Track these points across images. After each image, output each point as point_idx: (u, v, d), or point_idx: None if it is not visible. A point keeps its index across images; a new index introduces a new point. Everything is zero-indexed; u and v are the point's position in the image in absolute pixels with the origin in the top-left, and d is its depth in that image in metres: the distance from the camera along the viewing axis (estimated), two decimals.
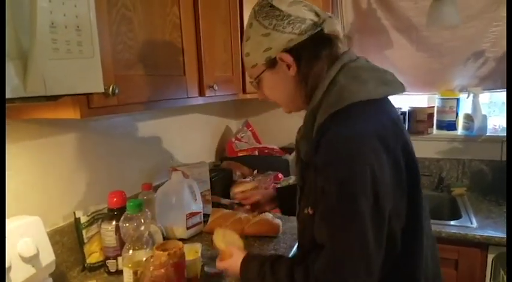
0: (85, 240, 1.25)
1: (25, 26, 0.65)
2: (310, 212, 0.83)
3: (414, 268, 0.87)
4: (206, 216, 1.60)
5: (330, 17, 0.88)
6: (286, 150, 2.27)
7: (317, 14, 0.87)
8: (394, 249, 0.81)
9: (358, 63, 0.88)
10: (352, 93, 0.80)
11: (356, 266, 0.75)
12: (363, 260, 0.75)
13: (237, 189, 1.89)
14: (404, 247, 0.83)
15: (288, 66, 0.88)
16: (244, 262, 0.96)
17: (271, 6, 0.86)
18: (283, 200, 1.27)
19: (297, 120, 2.60)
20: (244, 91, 1.81)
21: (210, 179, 1.77)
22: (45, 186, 1.21)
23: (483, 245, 1.59)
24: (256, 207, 1.30)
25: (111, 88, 0.91)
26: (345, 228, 0.75)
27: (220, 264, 1.05)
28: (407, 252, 0.84)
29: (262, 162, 2.12)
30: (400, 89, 0.87)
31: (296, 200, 0.98)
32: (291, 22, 0.84)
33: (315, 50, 0.86)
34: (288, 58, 0.86)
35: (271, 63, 0.89)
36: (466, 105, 2.15)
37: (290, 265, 0.85)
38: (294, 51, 0.86)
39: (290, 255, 1.35)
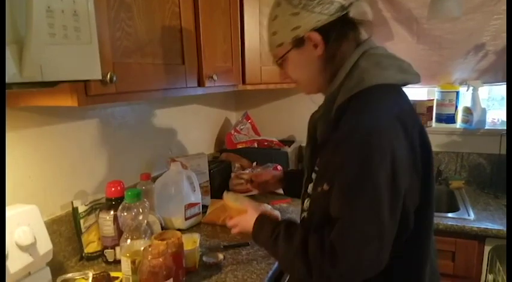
0: (83, 230, 1.25)
1: (21, 9, 0.64)
2: (326, 188, 0.84)
3: (424, 249, 0.89)
4: (205, 207, 1.60)
5: (357, 0, 0.89)
6: (285, 142, 2.26)
7: None
8: (406, 228, 0.83)
9: (378, 50, 0.91)
10: (373, 76, 0.83)
11: (370, 234, 0.77)
12: (376, 229, 0.76)
13: (235, 181, 1.89)
14: (415, 227, 0.84)
15: (315, 46, 0.89)
16: (259, 220, 0.98)
17: None
18: (290, 182, 1.31)
19: (296, 113, 2.61)
20: (244, 82, 1.80)
21: (209, 170, 1.76)
22: (43, 176, 1.21)
23: (480, 237, 1.60)
24: (263, 187, 1.35)
25: (109, 76, 0.90)
26: (361, 199, 0.77)
27: (231, 221, 1.07)
28: (418, 232, 0.86)
29: (261, 154, 2.12)
30: (416, 78, 0.90)
31: (302, 183, 1.02)
32: (320, 3, 0.86)
33: (342, 31, 0.88)
34: (317, 37, 0.88)
35: (298, 42, 0.90)
36: (465, 99, 2.15)
37: (305, 231, 0.86)
38: (322, 31, 0.87)
39: None
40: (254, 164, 2.04)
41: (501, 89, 2.18)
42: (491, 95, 2.23)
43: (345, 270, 0.78)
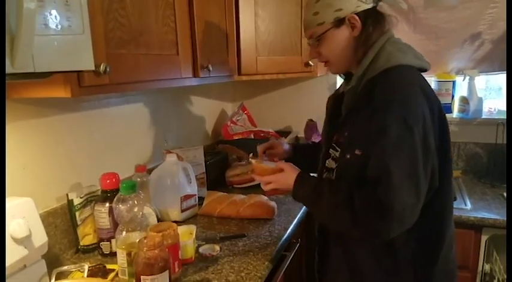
0: (78, 222, 1.24)
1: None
2: (358, 152, 0.94)
3: (448, 208, 1.04)
4: (201, 199, 1.59)
5: None
6: (282, 133, 2.26)
7: None
8: (432, 185, 0.94)
9: (398, 40, 1.06)
10: (397, 58, 0.98)
11: (410, 190, 0.88)
12: (414, 185, 0.88)
13: (232, 173, 1.89)
14: (440, 185, 0.96)
15: (353, 27, 1.02)
16: (300, 176, 1.05)
17: None
18: (296, 157, 1.33)
19: (293, 104, 2.60)
20: (239, 73, 1.78)
21: (205, 162, 1.76)
22: (37, 168, 1.20)
23: (477, 226, 1.61)
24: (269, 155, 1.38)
25: (102, 66, 0.89)
26: (402, 157, 0.88)
27: (265, 178, 1.11)
28: (442, 190, 0.97)
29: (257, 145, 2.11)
30: (428, 66, 1.03)
31: (309, 158, 1.22)
32: None
33: (376, 19, 1.03)
34: (357, 19, 1.01)
35: (338, 23, 1.02)
36: (462, 88, 2.15)
37: (350, 188, 0.94)
38: (361, 15, 1.01)
39: (283, 240, 1.35)
40: (250, 155, 2.03)
41: (498, 78, 2.18)
42: (489, 85, 2.22)
43: (391, 221, 0.88)
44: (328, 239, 1.12)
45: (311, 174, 1.08)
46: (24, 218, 0.96)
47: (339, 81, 2.29)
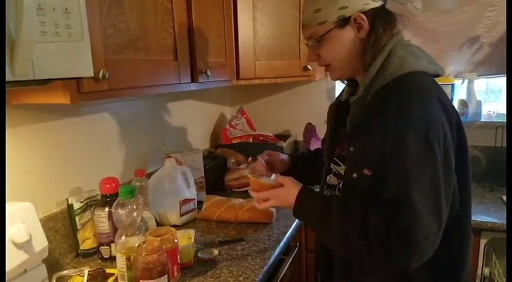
0: (78, 227, 1.25)
1: (12, 7, 0.64)
2: (368, 172, 0.85)
3: (466, 230, 0.94)
4: (200, 203, 1.60)
5: None
6: (281, 137, 2.26)
7: None
8: (453, 209, 0.85)
9: (408, 42, 0.95)
10: (411, 63, 0.87)
11: (433, 218, 0.79)
12: (436, 212, 0.79)
13: (231, 176, 1.90)
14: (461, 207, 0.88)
15: (359, 28, 0.91)
16: (303, 192, 0.94)
17: None
18: (294, 169, 1.26)
19: (291, 108, 2.61)
20: (238, 77, 1.79)
21: (204, 166, 1.77)
22: (37, 173, 1.20)
23: (476, 230, 1.60)
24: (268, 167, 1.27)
25: (101, 72, 0.90)
26: (423, 181, 0.78)
27: (262, 194, 1.00)
28: (463, 212, 0.89)
29: (256, 149, 2.09)
30: (442, 71, 0.94)
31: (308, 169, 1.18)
32: None
33: (387, 19, 0.92)
34: (364, 19, 0.90)
35: (343, 22, 0.91)
36: (460, 91, 2.15)
37: (364, 209, 0.84)
38: (369, 14, 0.90)
39: (282, 244, 1.35)
40: (249, 159, 2.04)
41: (499, 81, 2.18)
42: (489, 86, 2.23)
43: (413, 253, 0.79)
44: (332, 264, 1.02)
45: (314, 190, 0.98)
46: (24, 223, 0.96)
47: (338, 85, 2.30)
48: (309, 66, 1.91)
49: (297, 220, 1.52)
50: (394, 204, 0.80)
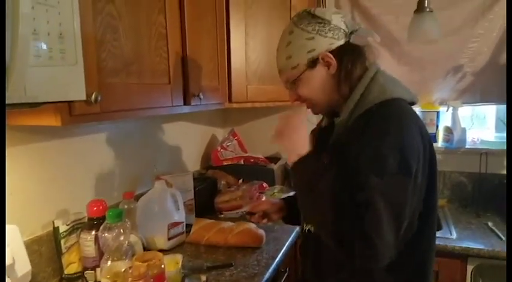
0: (63, 250, 1.23)
1: (7, 32, 0.64)
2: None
3: (425, 253, 1.01)
4: (189, 226, 1.58)
5: (356, 30, 1.01)
6: (272, 159, 2.27)
7: (347, 26, 1.01)
8: (410, 229, 0.92)
9: (385, 72, 1.04)
10: (391, 91, 0.97)
11: (391, 229, 0.84)
12: (396, 225, 0.85)
13: (221, 199, 1.89)
14: (418, 230, 0.94)
15: (328, 66, 1.00)
16: (311, 155, 0.98)
17: (313, 16, 1.00)
18: (292, 209, 1.27)
19: None
20: (230, 100, 1.81)
21: (194, 188, 1.76)
22: (24, 194, 1.19)
23: (463, 256, 1.62)
24: (264, 217, 1.31)
25: (93, 96, 0.90)
26: (393, 192, 0.85)
27: (282, 125, 1.08)
28: (421, 235, 0.96)
29: (247, 171, 2.12)
30: (416, 99, 1.03)
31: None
32: (331, 29, 0.99)
33: (353, 53, 1.00)
34: (330, 57, 0.99)
35: (313, 63, 1.00)
36: (445, 118, 2.20)
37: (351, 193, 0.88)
38: (335, 52, 0.99)
39: (271, 269, 1.34)
40: (240, 181, 2.04)
41: (484, 109, 2.24)
42: (474, 112, 2.28)
43: (370, 255, 0.85)
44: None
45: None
46: (9, 246, 0.94)
47: None
48: None
49: (287, 244, 1.51)
50: (363, 204, 0.85)
